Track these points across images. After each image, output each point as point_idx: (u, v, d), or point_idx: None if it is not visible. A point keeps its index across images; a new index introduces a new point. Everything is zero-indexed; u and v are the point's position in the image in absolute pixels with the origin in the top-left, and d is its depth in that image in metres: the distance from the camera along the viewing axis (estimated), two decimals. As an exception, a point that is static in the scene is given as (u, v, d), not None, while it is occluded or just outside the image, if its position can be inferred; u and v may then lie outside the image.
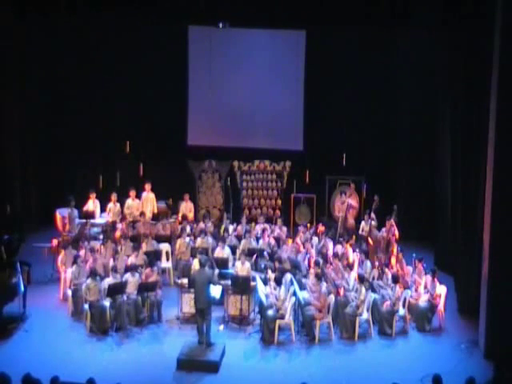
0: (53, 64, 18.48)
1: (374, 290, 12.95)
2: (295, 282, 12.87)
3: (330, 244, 15.33)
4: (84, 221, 16.04)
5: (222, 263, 13.74)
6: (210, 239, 15.29)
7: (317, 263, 13.70)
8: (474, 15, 12.96)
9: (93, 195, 16.66)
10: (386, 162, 19.06)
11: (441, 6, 14.43)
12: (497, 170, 11.44)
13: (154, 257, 14.21)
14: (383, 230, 15.71)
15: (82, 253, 14.16)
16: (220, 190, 19.52)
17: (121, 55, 18.64)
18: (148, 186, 17.16)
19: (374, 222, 15.97)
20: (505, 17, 11.16)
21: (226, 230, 16.01)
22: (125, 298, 12.68)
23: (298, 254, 14.79)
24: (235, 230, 16.19)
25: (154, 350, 11.94)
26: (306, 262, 14.42)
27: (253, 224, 16.74)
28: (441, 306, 13.04)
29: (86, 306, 12.57)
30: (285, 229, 16.47)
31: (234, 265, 13.95)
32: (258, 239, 15.42)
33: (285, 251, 14.72)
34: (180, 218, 16.96)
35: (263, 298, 12.53)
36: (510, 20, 11.12)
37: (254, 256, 14.40)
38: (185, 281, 13.00)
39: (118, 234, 15.57)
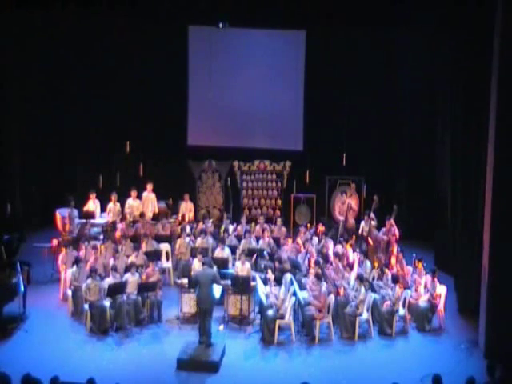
0: (53, 63, 18.47)
1: (374, 290, 12.95)
2: (295, 282, 12.87)
3: (330, 244, 15.32)
4: (84, 221, 16.04)
5: (222, 263, 13.75)
6: (210, 239, 15.29)
7: (317, 263, 13.71)
8: (474, 16, 12.97)
9: (93, 195, 16.66)
10: (386, 162, 19.07)
11: (441, 6, 14.43)
12: (497, 170, 11.44)
13: (154, 256, 14.22)
14: (383, 230, 15.71)
15: (81, 253, 14.17)
16: (220, 190, 19.51)
17: (121, 55, 18.62)
18: (149, 186, 17.13)
19: (373, 222, 15.95)
20: (504, 18, 11.16)
21: (226, 230, 16.00)
22: (125, 298, 12.68)
23: (298, 254, 14.79)
24: (235, 230, 16.18)
25: (154, 349, 11.94)
26: (306, 262, 14.42)
27: (253, 224, 16.73)
28: (441, 306, 13.04)
29: (86, 306, 12.58)
30: (284, 229, 16.44)
31: (233, 265, 13.95)
32: (258, 239, 15.42)
33: (285, 251, 14.72)
34: (180, 218, 16.96)
35: (263, 298, 12.53)
36: (510, 21, 11.12)
37: (254, 256, 14.41)
38: (185, 281, 13.00)
39: (118, 233, 15.57)
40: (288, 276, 13.29)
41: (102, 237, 15.33)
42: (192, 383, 10.89)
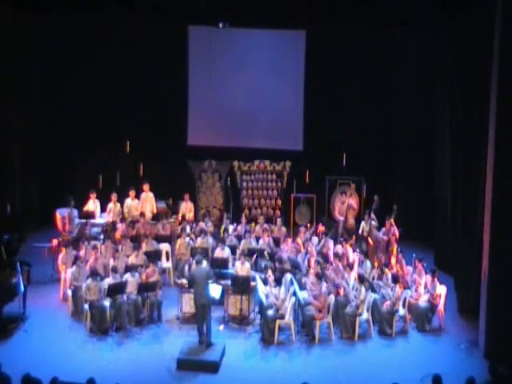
0: (53, 64, 18.47)
1: (373, 290, 12.95)
2: (295, 282, 12.88)
3: (330, 244, 15.32)
4: (84, 221, 16.04)
5: (222, 263, 13.74)
6: (210, 239, 15.28)
7: (317, 263, 13.71)
8: (474, 16, 12.97)
9: (93, 195, 16.66)
10: (386, 162, 19.07)
11: (440, 6, 14.45)
12: (497, 170, 11.44)
13: (154, 256, 14.22)
14: (383, 230, 15.71)
15: (81, 253, 14.17)
16: (220, 190, 19.51)
17: (121, 55, 18.65)
18: (146, 187, 17.13)
19: (374, 222, 15.96)
20: (504, 17, 11.16)
21: (226, 230, 15.99)
22: (125, 298, 12.68)
23: (298, 254, 14.79)
24: (235, 229, 16.18)
25: (153, 350, 11.94)
26: (306, 262, 14.41)
27: (253, 224, 16.72)
28: (441, 306, 13.03)
29: (86, 306, 12.58)
30: (284, 229, 16.43)
31: (233, 265, 13.95)
32: (258, 239, 15.42)
33: (285, 251, 14.72)
34: (180, 218, 16.96)
35: (263, 298, 12.53)
36: (510, 21, 11.12)
37: (254, 256, 14.41)
38: (185, 281, 13.00)
39: (118, 234, 15.56)
40: (288, 276, 13.29)
41: (102, 237, 15.32)
42: (192, 383, 10.89)
